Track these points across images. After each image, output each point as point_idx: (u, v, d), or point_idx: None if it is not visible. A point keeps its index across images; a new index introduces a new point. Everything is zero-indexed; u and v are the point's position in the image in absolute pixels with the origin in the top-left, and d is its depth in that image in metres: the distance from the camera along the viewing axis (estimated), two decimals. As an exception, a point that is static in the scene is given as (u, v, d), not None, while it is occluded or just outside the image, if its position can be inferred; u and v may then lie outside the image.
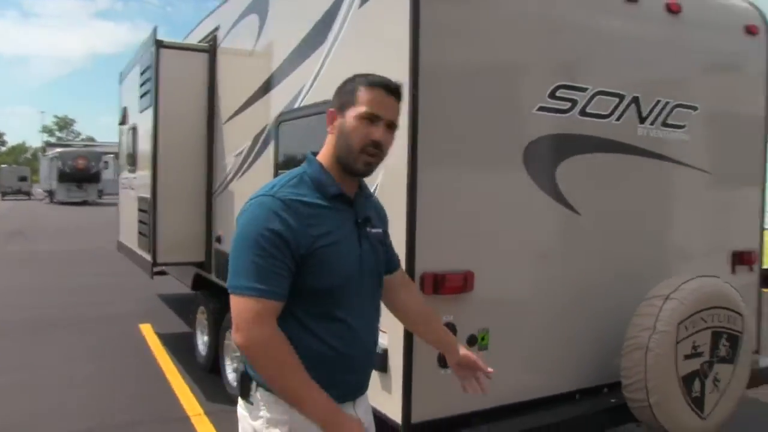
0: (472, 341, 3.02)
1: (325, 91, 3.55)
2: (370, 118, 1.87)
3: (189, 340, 6.35)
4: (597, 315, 3.43)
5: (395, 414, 2.92)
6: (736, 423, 3.49)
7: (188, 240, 5.49)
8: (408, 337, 2.86)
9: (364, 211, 2.02)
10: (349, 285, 1.92)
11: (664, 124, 3.61)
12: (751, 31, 3.98)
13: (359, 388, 2.05)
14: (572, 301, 3.37)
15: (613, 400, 3.36)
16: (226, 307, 5.27)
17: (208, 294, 5.75)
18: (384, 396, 3.01)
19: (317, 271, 1.84)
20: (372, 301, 2.06)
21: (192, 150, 5.50)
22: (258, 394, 1.93)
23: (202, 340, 5.98)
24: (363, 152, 1.88)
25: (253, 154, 4.64)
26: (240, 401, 2.01)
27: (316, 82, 3.70)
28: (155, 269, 5.50)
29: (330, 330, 1.89)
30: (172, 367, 6.01)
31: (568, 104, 3.26)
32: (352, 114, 1.88)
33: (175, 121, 5.39)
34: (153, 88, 5.31)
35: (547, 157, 3.23)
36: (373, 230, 2.04)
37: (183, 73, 5.43)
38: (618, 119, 3.43)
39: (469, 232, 3.04)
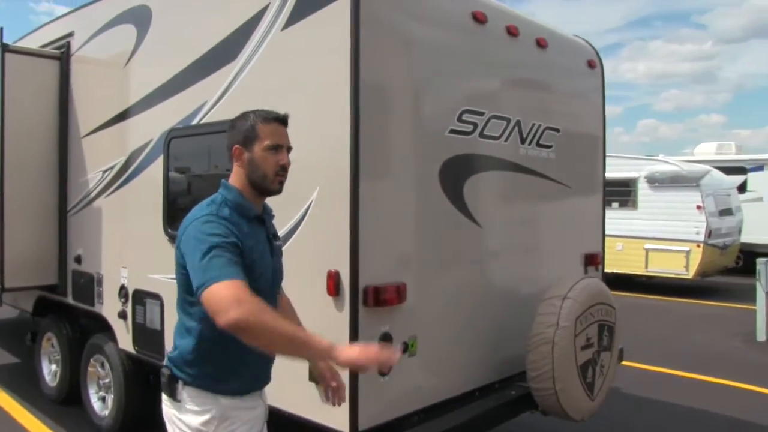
0: (404, 349, 3.25)
1: (235, 109, 3.55)
2: (275, 148, 2.25)
3: (23, 370, 5.76)
4: (497, 315, 3.85)
5: (342, 425, 3.04)
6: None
7: (39, 262, 5.03)
8: (353, 349, 3.00)
9: (272, 228, 2.41)
10: (265, 291, 2.21)
11: (538, 144, 4.14)
12: (591, 65, 4.70)
13: (264, 379, 2.43)
14: (479, 304, 3.74)
15: (513, 392, 3.80)
16: (86, 332, 4.94)
17: (59, 320, 5.29)
18: (326, 408, 3.10)
19: (249, 277, 2.09)
20: (274, 303, 2.36)
21: (42, 164, 5.05)
22: (185, 392, 2.23)
23: (49, 370, 5.49)
24: (276, 176, 2.27)
25: (130, 170, 4.40)
26: (166, 401, 2.29)
27: (222, 99, 3.67)
28: None
29: None
30: (12, 402, 5.41)
31: (471, 127, 3.62)
32: (259, 148, 2.24)
33: (23, 132, 4.91)
34: (-3, 95, 4.78)
35: (456, 175, 3.56)
36: (278, 243, 2.44)
37: (31, 80, 4.97)
38: (506, 140, 3.88)
39: (399, 246, 3.26)
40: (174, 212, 4.00)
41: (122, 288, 4.44)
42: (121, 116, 4.52)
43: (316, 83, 3.17)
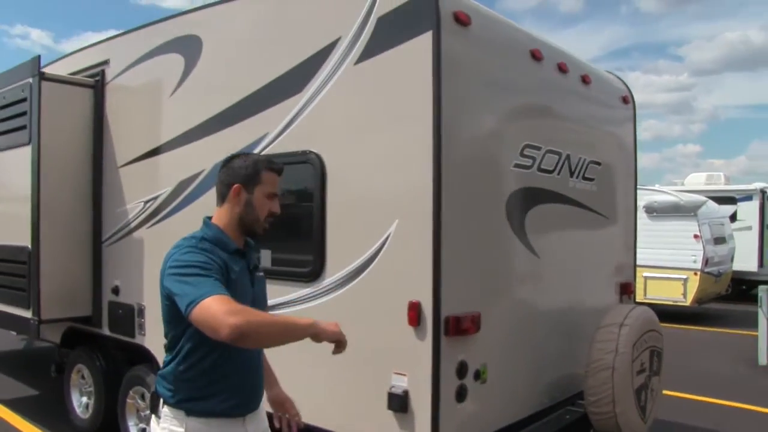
0: (477, 376, 3.31)
1: (301, 141, 3.63)
2: (273, 196, 2.44)
3: (47, 402, 5.63)
4: (550, 342, 3.95)
5: (422, 452, 3.08)
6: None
7: (74, 293, 4.95)
8: (435, 379, 3.06)
9: (253, 260, 2.53)
10: None
11: (584, 178, 4.28)
12: (625, 100, 4.89)
13: (246, 405, 2.44)
14: (536, 332, 3.83)
15: (567, 417, 3.88)
16: (123, 364, 4.86)
17: (91, 351, 5.21)
18: (407, 437, 3.15)
19: None
20: None
21: (76, 194, 5.00)
22: (165, 409, 2.37)
23: (79, 402, 5.38)
24: (265, 221, 2.44)
25: (178, 200, 4.40)
26: (153, 417, 2.45)
27: (287, 131, 3.72)
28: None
29: (226, 352, 2.30)
30: (43, 436, 5.29)
31: (530, 161, 3.74)
32: (260, 192, 2.40)
33: (59, 161, 4.87)
34: (33, 124, 4.75)
35: (518, 208, 3.67)
36: (260, 274, 2.56)
37: (66, 109, 4.94)
38: (559, 174, 4.01)
39: (473, 276, 3.35)
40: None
41: (169, 318, 4.40)
42: (166, 146, 4.52)
43: (395, 118, 3.24)
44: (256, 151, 3.87)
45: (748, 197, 13.40)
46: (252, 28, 4.06)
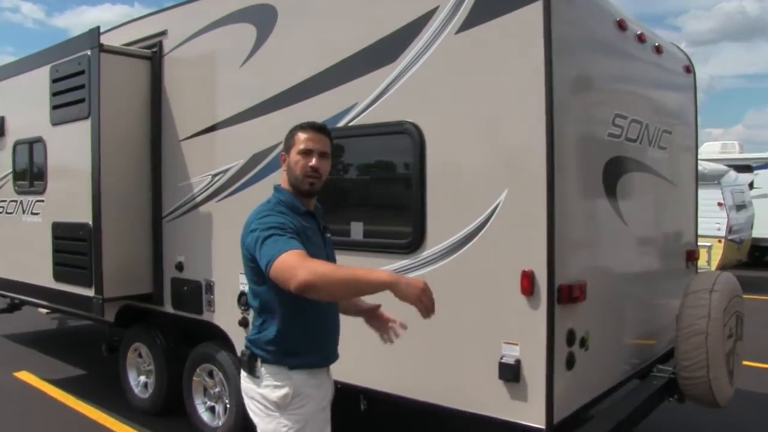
0: (582, 343, 3.34)
1: (396, 111, 3.59)
2: (305, 153, 2.54)
3: (100, 381, 5.60)
4: (638, 309, 4.02)
5: (536, 420, 3.12)
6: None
7: (136, 270, 4.90)
8: (550, 348, 3.09)
9: (323, 222, 2.71)
10: None
11: (659, 146, 4.30)
12: (687, 70, 4.90)
13: (333, 355, 2.67)
14: (626, 299, 3.89)
15: (655, 383, 3.96)
16: (187, 341, 4.84)
17: (149, 329, 5.17)
18: (518, 404, 3.19)
19: None
20: None
21: (135, 169, 4.92)
22: (263, 369, 2.51)
23: (137, 382, 5.36)
24: (306, 177, 2.54)
25: (252, 173, 4.34)
26: (246, 377, 2.60)
27: (379, 101, 3.68)
28: (102, 305, 4.76)
29: (312, 308, 2.46)
30: (104, 416, 5.26)
31: (620, 130, 3.75)
32: (294, 152, 2.56)
33: (118, 135, 4.77)
34: (93, 98, 4.65)
35: (612, 176, 3.68)
36: (328, 235, 2.75)
37: (124, 82, 4.83)
38: (641, 143, 4.03)
39: (580, 245, 3.37)
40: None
41: (242, 295, 4.39)
42: (236, 118, 4.45)
43: (503, 88, 3.22)
44: (344, 121, 3.83)
45: (765, 165, 13.58)
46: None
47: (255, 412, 2.56)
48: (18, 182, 5.78)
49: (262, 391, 2.51)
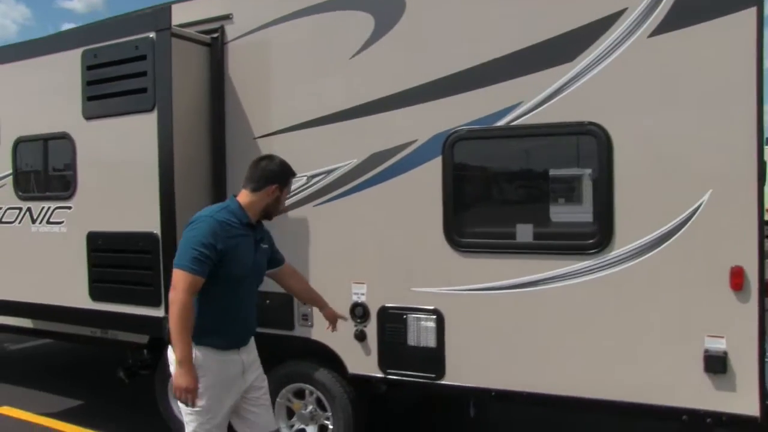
0: None
1: (575, 111, 3.55)
2: (287, 196, 3.46)
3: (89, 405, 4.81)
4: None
5: (748, 409, 3.30)
6: None
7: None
8: (761, 339, 3.28)
9: (260, 235, 3.33)
10: (245, 275, 3.18)
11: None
12: None
13: (241, 341, 3.26)
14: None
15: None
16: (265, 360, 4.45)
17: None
18: (725, 395, 3.34)
19: (231, 261, 3.06)
20: (254, 288, 3.34)
21: (199, 170, 4.30)
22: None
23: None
24: (280, 212, 3.45)
25: (369, 175, 4.00)
26: (170, 347, 3.09)
27: (553, 101, 3.59)
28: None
29: (227, 300, 3.13)
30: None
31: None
32: (284, 194, 3.34)
33: (184, 132, 4.14)
34: (160, 88, 3.97)
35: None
36: (263, 246, 3.35)
37: (189, 71, 4.19)
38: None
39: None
40: (461, 219, 3.82)
41: (357, 306, 4.04)
42: (344, 115, 4.07)
43: (706, 94, 3.31)
44: (505, 120, 3.69)
45: None
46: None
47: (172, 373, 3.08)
48: (23, 186, 4.72)
49: (171, 357, 3.06)
